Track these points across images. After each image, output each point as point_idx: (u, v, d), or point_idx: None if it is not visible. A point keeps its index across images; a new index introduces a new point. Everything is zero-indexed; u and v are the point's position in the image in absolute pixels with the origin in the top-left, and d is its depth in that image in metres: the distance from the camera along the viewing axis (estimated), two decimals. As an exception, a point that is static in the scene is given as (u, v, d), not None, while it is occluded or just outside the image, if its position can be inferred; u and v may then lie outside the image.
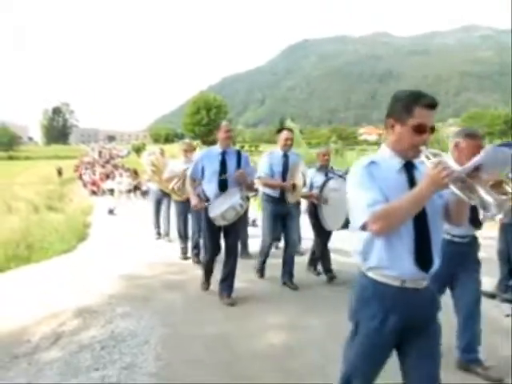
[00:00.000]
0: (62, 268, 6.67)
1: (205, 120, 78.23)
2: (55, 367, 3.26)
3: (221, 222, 4.63)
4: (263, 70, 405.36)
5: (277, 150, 5.51)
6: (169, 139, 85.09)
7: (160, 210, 9.16)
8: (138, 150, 60.21)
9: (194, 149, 7.65)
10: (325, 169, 5.81)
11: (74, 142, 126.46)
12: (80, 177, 33.60)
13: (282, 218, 5.50)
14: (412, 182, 1.92)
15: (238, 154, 4.92)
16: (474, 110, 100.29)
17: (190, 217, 7.12)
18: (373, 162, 1.94)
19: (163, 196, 8.69)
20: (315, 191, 5.59)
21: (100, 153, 65.17)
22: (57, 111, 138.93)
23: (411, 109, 1.86)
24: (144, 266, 6.44)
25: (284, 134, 5.46)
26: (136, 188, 22.80)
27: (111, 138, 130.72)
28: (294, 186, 5.33)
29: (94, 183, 26.98)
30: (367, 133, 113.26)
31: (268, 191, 5.51)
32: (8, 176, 41.01)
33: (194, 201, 4.86)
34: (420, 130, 1.86)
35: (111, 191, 17.44)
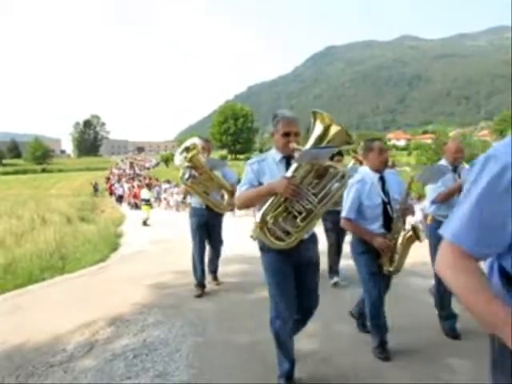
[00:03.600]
0: (95, 278, 6.80)
1: (232, 129, 78.82)
2: (90, 375, 3.31)
3: None
4: (289, 78, 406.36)
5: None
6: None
7: (205, 240, 5.51)
8: (167, 161, 61.03)
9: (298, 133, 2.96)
10: None
11: (104, 153, 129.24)
12: (110, 192, 33.46)
13: None
14: None
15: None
16: (506, 112, 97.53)
17: None
18: None
19: (211, 217, 5.40)
20: None
21: (131, 164, 66.38)
22: (88, 124, 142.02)
23: None
24: (175, 275, 6.48)
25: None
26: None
27: (140, 149, 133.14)
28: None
29: (135, 196, 26.40)
30: (396, 138, 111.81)
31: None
32: (42, 188, 42.25)
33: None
34: None
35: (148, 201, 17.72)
